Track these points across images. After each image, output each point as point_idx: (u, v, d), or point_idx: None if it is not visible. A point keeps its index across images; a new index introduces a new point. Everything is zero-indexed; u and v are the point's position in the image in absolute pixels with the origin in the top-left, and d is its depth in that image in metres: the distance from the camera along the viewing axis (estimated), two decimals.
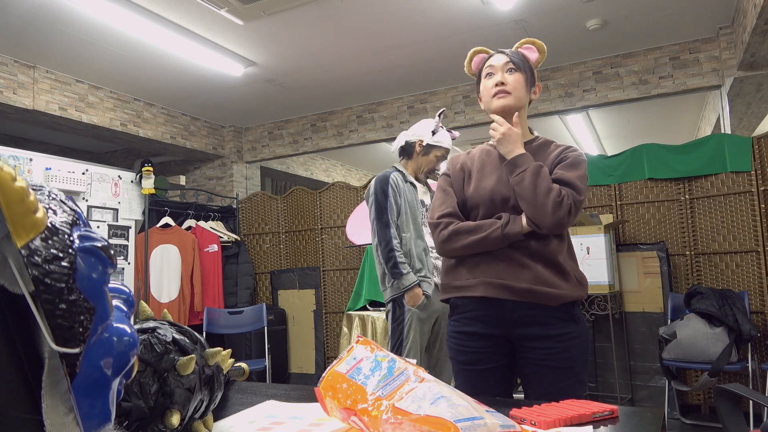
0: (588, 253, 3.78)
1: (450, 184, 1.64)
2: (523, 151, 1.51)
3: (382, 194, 2.59)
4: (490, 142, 1.62)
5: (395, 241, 2.52)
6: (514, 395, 1.66)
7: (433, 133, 2.67)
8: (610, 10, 4.05)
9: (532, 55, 1.59)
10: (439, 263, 2.36)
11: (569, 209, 1.43)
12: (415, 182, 2.68)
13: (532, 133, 1.65)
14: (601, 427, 0.82)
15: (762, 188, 3.66)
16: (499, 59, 1.56)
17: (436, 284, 2.54)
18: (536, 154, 1.56)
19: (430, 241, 2.56)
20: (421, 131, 2.70)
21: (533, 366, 1.48)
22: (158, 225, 4.76)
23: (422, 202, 2.67)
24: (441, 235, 1.55)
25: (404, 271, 2.50)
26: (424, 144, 2.67)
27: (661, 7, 4.01)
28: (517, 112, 1.55)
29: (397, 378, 0.75)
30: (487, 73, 1.57)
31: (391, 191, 2.58)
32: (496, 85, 1.54)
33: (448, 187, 1.63)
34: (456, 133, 2.81)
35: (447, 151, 2.68)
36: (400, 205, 2.58)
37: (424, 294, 2.52)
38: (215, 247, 5.03)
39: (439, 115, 2.73)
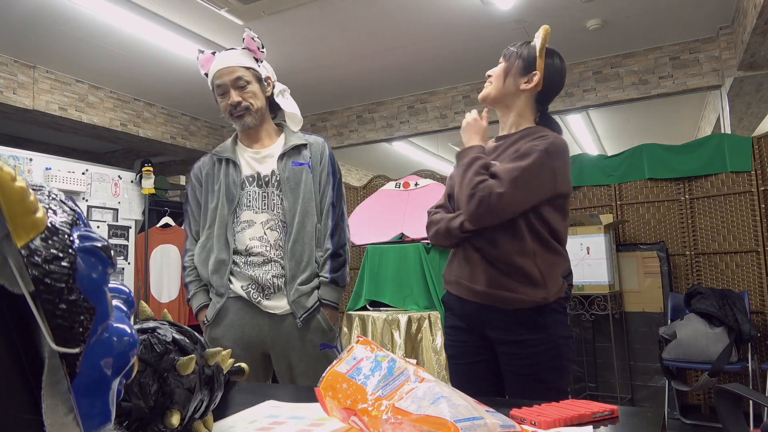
0: (588, 253, 3.78)
1: (451, 176, 1.65)
2: (476, 143, 1.48)
3: (186, 199, 1.93)
4: (500, 135, 1.61)
5: (187, 255, 1.85)
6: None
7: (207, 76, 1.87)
8: (610, 10, 4.05)
9: (537, 40, 1.57)
10: (254, 270, 1.73)
11: (479, 201, 1.34)
12: (242, 154, 1.85)
13: (537, 123, 1.57)
14: (601, 427, 0.82)
15: (762, 188, 3.66)
16: None
17: (250, 299, 1.75)
18: (509, 147, 1.49)
19: (244, 239, 1.77)
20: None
21: (504, 368, 1.47)
22: (158, 225, 4.76)
23: (250, 178, 1.81)
24: (426, 226, 1.58)
25: (189, 294, 1.84)
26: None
27: (661, 7, 4.01)
28: (487, 108, 1.58)
29: (397, 378, 0.75)
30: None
31: (190, 191, 1.89)
32: (487, 75, 1.60)
33: (449, 180, 1.65)
34: (208, 53, 1.87)
35: (214, 77, 1.82)
36: (204, 202, 1.84)
37: (205, 320, 1.78)
38: None
39: (200, 51, 1.89)
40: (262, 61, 1.85)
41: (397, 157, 7.80)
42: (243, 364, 1.05)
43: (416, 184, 4.58)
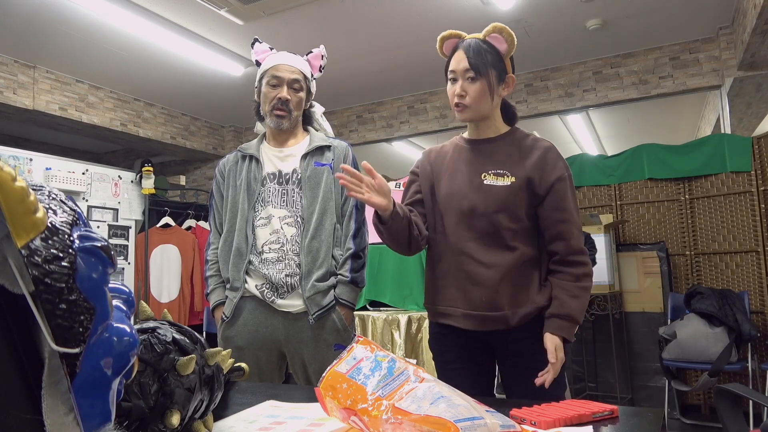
0: None
1: (414, 181, 1.60)
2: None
3: (210, 194, 1.99)
4: (463, 135, 1.60)
5: (211, 249, 1.90)
6: (495, 394, 1.67)
7: (258, 64, 1.91)
8: (610, 10, 4.04)
9: (501, 45, 1.48)
10: (267, 269, 1.74)
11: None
12: (265, 152, 1.89)
13: (512, 124, 1.58)
14: (601, 427, 0.82)
15: (762, 188, 3.66)
16: (459, 62, 1.47)
17: (264, 298, 1.76)
18: (499, 150, 1.51)
19: (266, 233, 1.79)
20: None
21: (512, 368, 1.48)
22: (158, 225, 4.75)
23: (271, 175, 1.84)
24: None
25: (208, 289, 1.88)
26: (255, 86, 1.94)
27: (661, 7, 4.01)
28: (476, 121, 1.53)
29: (397, 378, 0.75)
30: (451, 78, 1.51)
31: (215, 185, 1.94)
32: (458, 95, 1.47)
33: (411, 185, 1.61)
34: (266, 46, 1.93)
35: (273, 68, 1.84)
36: (226, 196, 1.89)
37: (223, 317, 1.81)
38: None
39: (253, 44, 1.96)
40: (314, 78, 1.92)
41: (397, 157, 7.80)
42: (243, 364, 1.05)
43: None
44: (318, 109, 2.00)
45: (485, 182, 1.46)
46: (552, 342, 1.37)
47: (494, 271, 1.42)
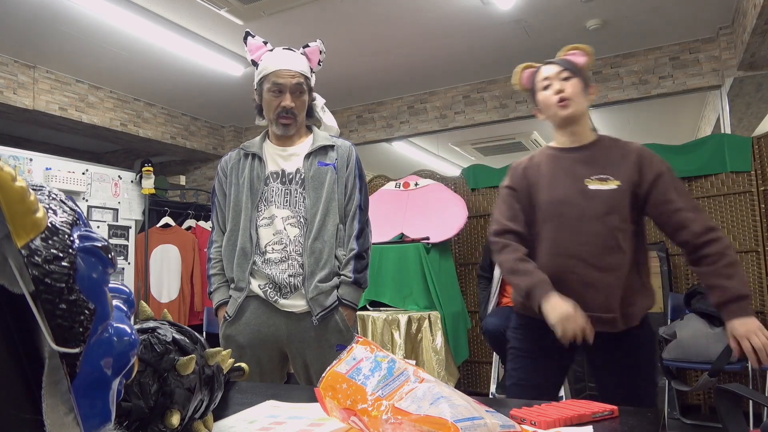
0: None
1: (513, 196, 1.62)
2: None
3: (213, 191, 1.96)
4: (551, 144, 1.65)
5: (214, 247, 1.87)
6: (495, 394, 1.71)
7: (255, 64, 1.86)
8: (610, 10, 4.04)
9: (580, 59, 1.63)
10: (272, 270, 1.73)
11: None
12: (268, 151, 1.86)
13: (596, 130, 1.68)
14: (601, 427, 0.82)
15: (762, 188, 3.66)
16: (551, 69, 1.59)
17: (267, 298, 1.75)
18: (596, 157, 1.57)
19: (269, 234, 1.77)
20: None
21: (602, 364, 1.52)
22: (158, 225, 4.76)
23: (275, 174, 1.82)
24: (496, 257, 1.58)
25: (211, 287, 1.86)
26: (255, 87, 1.88)
27: (661, 7, 4.01)
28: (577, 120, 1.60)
29: (397, 378, 0.75)
30: (545, 85, 1.59)
31: (217, 183, 1.91)
32: (557, 93, 1.55)
33: (510, 199, 1.62)
34: (259, 41, 1.87)
35: (273, 74, 1.79)
36: (228, 194, 1.86)
37: (225, 316, 1.80)
38: None
39: (244, 39, 1.89)
40: (314, 72, 1.90)
41: (397, 157, 7.80)
42: (243, 364, 1.05)
43: (416, 184, 4.58)
44: (319, 101, 1.98)
45: (590, 187, 1.50)
46: (741, 326, 1.38)
47: (608, 275, 1.47)
